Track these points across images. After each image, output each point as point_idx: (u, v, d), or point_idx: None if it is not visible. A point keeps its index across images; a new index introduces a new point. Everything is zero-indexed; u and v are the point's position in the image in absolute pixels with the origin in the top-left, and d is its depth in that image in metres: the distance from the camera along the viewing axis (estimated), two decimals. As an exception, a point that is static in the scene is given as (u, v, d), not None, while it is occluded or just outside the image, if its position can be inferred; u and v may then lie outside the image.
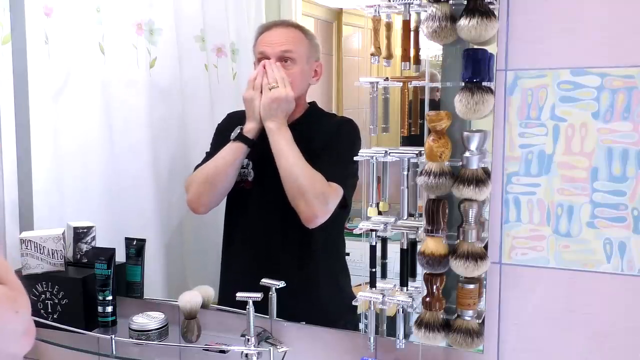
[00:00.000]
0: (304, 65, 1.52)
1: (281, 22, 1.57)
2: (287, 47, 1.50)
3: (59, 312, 1.60)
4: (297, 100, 1.53)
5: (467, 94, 1.15)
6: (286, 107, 1.47)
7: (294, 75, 1.50)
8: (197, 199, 1.59)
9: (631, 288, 1.19)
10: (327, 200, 1.46)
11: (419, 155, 1.24)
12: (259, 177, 1.51)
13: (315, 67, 1.53)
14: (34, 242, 1.61)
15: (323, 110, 1.57)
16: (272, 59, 1.49)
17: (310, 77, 1.53)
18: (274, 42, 1.51)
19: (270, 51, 1.50)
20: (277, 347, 1.45)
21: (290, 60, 1.50)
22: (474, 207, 1.19)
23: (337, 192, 1.47)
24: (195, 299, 1.52)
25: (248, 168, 1.57)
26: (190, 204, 1.60)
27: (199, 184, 1.58)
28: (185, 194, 1.61)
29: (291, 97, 1.47)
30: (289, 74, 1.50)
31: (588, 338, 1.23)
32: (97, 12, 1.70)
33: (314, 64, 1.53)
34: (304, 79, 1.53)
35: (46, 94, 1.71)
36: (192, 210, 1.61)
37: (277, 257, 1.55)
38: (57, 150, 1.74)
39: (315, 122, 1.57)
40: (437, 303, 1.23)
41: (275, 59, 1.49)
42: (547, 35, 1.19)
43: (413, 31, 1.26)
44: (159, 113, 1.74)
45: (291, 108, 1.48)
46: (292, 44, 1.51)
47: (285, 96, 1.47)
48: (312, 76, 1.53)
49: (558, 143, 1.21)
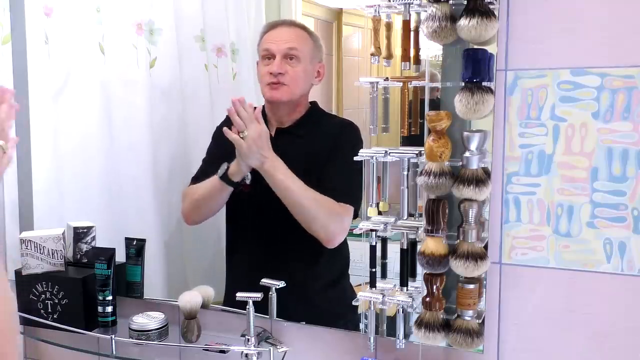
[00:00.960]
0: (308, 64, 1.52)
1: (287, 21, 1.58)
2: (292, 44, 1.50)
3: (59, 312, 1.60)
4: (298, 100, 1.53)
5: (467, 94, 1.15)
6: (265, 139, 1.46)
7: (298, 73, 1.51)
8: (188, 216, 1.65)
9: (631, 288, 1.19)
10: (342, 219, 1.47)
11: (419, 155, 1.24)
12: (257, 180, 1.50)
13: (318, 68, 1.53)
14: (34, 242, 1.61)
15: (324, 110, 1.57)
16: (277, 56, 1.49)
17: (312, 77, 1.54)
18: (279, 40, 1.51)
19: (275, 48, 1.51)
20: (277, 347, 1.45)
21: (295, 58, 1.50)
22: (474, 207, 1.19)
23: (349, 211, 1.47)
24: (195, 299, 1.52)
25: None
26: (183, 216, 1.65)
27: (189, 204, 1.63)
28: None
29: (265, 130, 1.46)
30: (292, 72, 1.50)
31: (588, 338, 1.23)
32: (97, 12, 1.70)
33: (317, 65, 1.53)
34: (307, 79, 1.53)
35: (46, 94, 1.71)
36: (185, 221, 1.66)
37: (278, 258, 1.55)
38: (57, 150, 1.74)
39: (317, 123, 1.57)
40: (437, 303, 1.23)
41: (281, 56, 1.50)
42: (547, 35, 1.19)
43: (413, 31, 1.26)
44: (159, 113, 1.74)
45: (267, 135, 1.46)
46: (297, 42, 1.51)
47: (258, 133, 1.45)
48: (314, 76, 1.54)
49: (558, 143, 1.21)
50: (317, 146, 1.52)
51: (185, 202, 1.64)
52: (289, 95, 1.52)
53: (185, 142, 1.75)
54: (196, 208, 1.62)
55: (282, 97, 1.52)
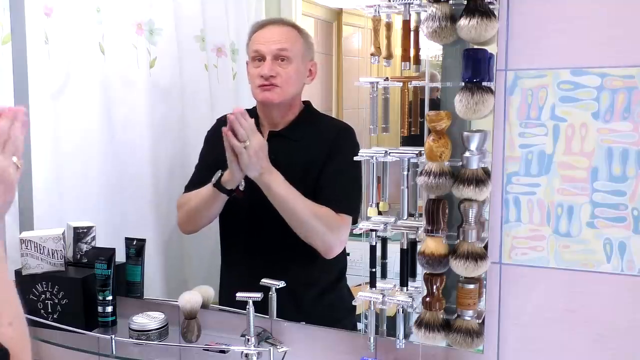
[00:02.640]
0: (299, 64, 1.50)
1: (276, 20, 1.55)
2: (282, 45, 1.48)
3: (59, 312, 1.60)
4: (291, 100, 1.52)
5: (467, 94, 1.15)
6: (265, 151, 1.42)
7: (289, 74, 1.49)
8: (184, 227, 1.65)
9: (631, 288, 1.19)
10: (340, 231, 1.47)
11: (419, 155, 1.24)
12: (251, 185, 1.49)
13: (310, 67, 1.51)
14: (34, 242, 1.61)
15: (318, 111, 1.55)
16: (268, 57, 1.47)
17: (305, 77, 1.52)
18: (269, 40, 1.49)
19: (265, 50, 1.48)
20: (277, 347, 1.44)
21: (286, 59, 1.48)
22: (474, 207, 1.19)
23: (347, 222, 1.47)
24: (195, 299, 1.52)
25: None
26: (179, 226, 1.65)
27: (184, 214, 1.61)
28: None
29: (264, 142, 1.43)
30: (284, 73, 1.48)
31: (588, 338, 1.23)
32: (97, 12, 1.70)
33: (309, 64, 1.51)
34: (299, 79, 1.51)
35: (46, 94, 1.71)
36: (181, 231, 1.65)
37: (275, 260, 1.54)
38: (57, 150, 1.73)
39: (311, 125, 1.55)
40: (437, 303, 1.23)
41: (271, 57, 1.48)
42: (547, 35, 1.19)
43: (413, 31, 1.26)
44: (159, 113, 1.74)
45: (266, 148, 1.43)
46: (287, 42, 1.49)
47: (260, 144, 1.41)
48: (306, 76, 1.52)
49: (558, 143, 1.21)
50: (313, 151, 1.51)
51: (180, 212, 1.62)
52: (282, 96, 1.50)
53: (185, 141, 1.75)
54: (191, 217, 1.60)
55: (275, 99, 1.50)
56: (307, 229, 1.46)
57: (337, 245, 1.48)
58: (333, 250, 1.48)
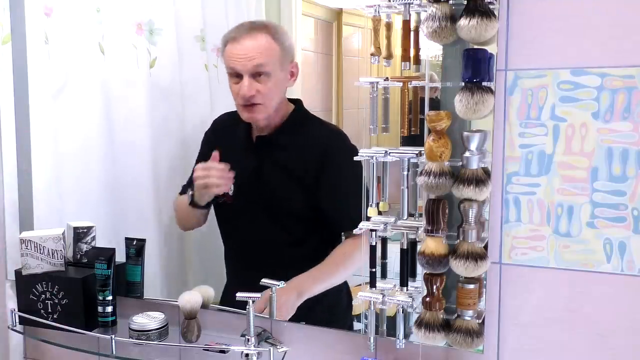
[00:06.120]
0: (279, 74, 1.46)
1: (247, 30, 1.48)
2: (258, 61, 1.44)
3: (59, 312, 1.60)
4: (277, 107, 1.50)
5: (467, 94, 1.15)
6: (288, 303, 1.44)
7: (270, 88, 1.46)
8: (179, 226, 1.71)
9: (631, 288, 1.19)
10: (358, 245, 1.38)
11: (419, 155, 1.24)
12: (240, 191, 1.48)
13: (291, 69, 1.48)
14: (34, 242, 1.61)
15: (308, 112, 1.52)
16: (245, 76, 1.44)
17: (286, 82, 1.48)
18: (244, 57, 1.44)
19: (241, 68, 1.45)
20: (277, 347, 1.45)
21: (264, 74, 1.44)
22: (474, 207, 1.19)
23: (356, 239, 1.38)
24: (195, 299, 1.52)
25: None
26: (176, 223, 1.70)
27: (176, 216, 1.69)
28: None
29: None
30: (264, 89, 1.45)
31: (588, 338, 1.23)
32: (97, 12, 1.70)
33: (289, 66, 1.48)
34: (281, 89, 1.49)
35: (46, 94, 1.71)
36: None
37: (272, 261, 1.54)
38: (57, 150, 1.74)
39: (300, 128, 1.51)
40: (437, 303, 1.23)
41: (248, 77, 1.44)
42: (547, 35, 1.19)
43: (413, 31, 1.25)
44: (159, 113, 1.74)
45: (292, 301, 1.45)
46: (262, 56, 1.44)
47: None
48: (288, 79, 1.48)
49: (558, 143, 1.21)
50: (304, 158, 1.49)
51: (175, 213, 1.69)
52: (265, 112, 1.49)
53: (185, 142, 1.75)
54: (181, 221, 1.68)
55: (259, 117, 1.50)
56: (350, 273, 1.48)
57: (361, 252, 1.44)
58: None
